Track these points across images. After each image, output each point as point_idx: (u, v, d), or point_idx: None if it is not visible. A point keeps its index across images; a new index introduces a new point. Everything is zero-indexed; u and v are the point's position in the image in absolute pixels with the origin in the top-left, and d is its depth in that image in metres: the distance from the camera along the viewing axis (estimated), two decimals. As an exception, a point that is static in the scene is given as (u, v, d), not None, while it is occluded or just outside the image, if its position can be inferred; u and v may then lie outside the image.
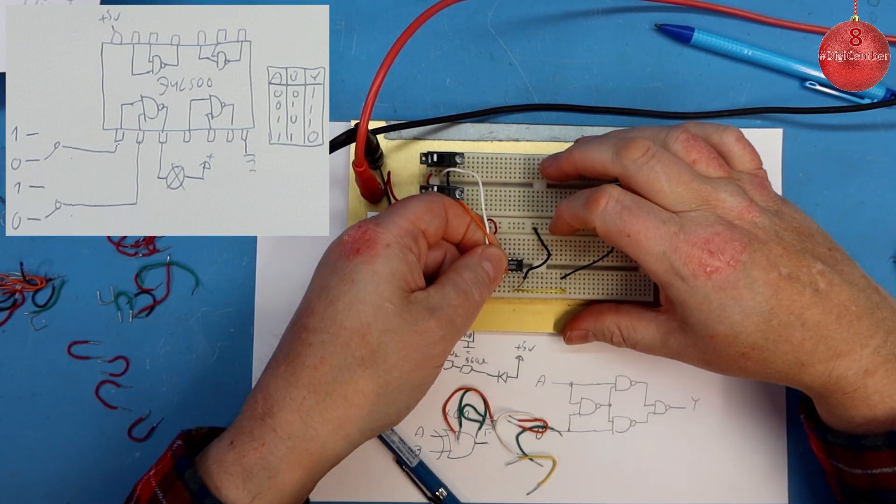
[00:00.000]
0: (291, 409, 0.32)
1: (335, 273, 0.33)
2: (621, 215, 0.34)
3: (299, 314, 0.34)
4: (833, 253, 0.35)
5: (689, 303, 0.34)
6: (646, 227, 0.34)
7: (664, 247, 0.33)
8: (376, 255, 0.33)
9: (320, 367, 0.32)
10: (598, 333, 0.40)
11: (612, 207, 0.34)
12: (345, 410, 0.33)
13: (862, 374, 0.34)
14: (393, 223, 0.34)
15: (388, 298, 0.32)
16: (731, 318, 0.33)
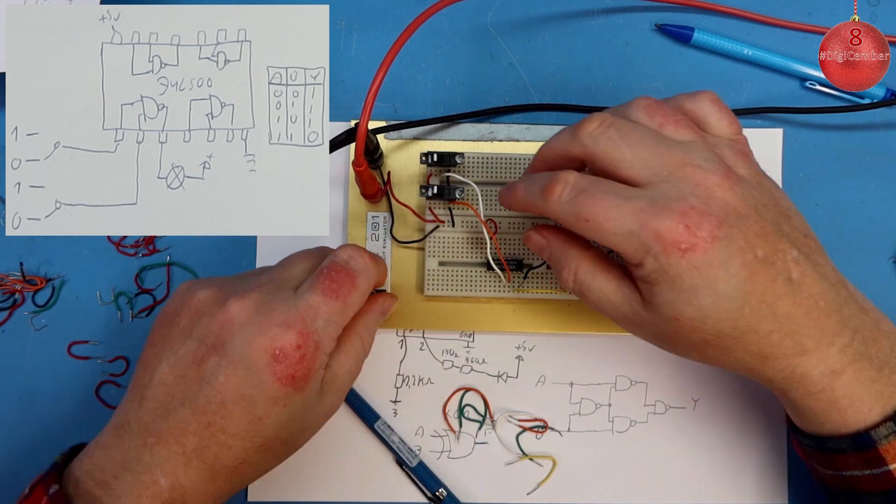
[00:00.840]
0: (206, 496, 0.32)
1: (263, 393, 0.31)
2: (577, 200, 0.31)
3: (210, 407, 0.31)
4: (808, 241, 0.32)
5: (660, 282, 0.30)
6: (605, 208, 0.30)
7: (631, 224, 0.30)
8: (309, 382, 0.32)
9: (238, 469, 0.32)
10: (558, 258, 0.35)
11: (567, 194, 0.31)
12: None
13: (828, 375, 0.32)
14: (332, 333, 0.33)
15: (310, 406, 0.33)
16: (702, 301, 0.30)
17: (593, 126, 0.32)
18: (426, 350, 0.43)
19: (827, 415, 0.32)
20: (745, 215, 0.30)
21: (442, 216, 0.42)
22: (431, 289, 0.42)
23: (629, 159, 0.31)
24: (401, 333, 0.43)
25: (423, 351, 0.43)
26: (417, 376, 0.43)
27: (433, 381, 0.43)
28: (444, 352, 0.43)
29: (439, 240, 0.42)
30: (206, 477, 0.32)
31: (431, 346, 0.43)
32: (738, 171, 0.32)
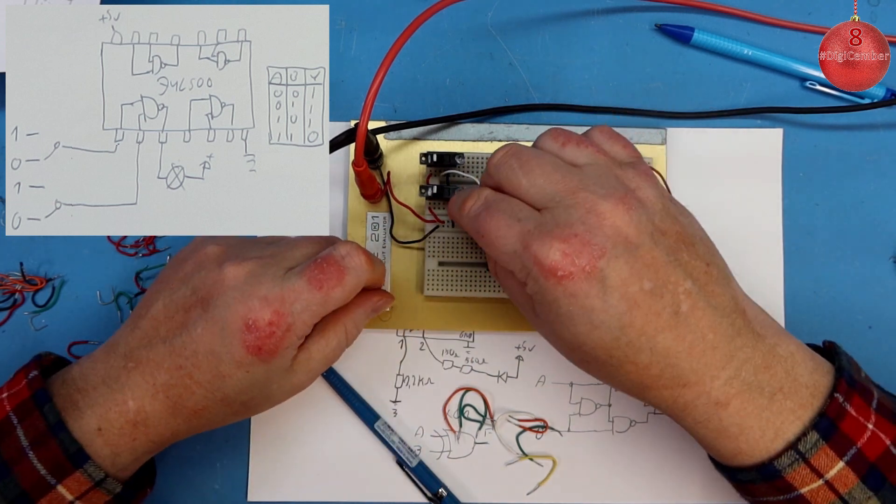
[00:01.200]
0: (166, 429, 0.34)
1: (230, 354, 0.33)
2: (479, 216, 0.33)
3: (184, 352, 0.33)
4: (710, 269, 0.32)
5: (540, 302, 0.32)
6: (497, 226, 0.32)
7: (515, 245, 0.31)
8: (276, 357, 0.33)
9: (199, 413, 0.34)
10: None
11: (476, 208, 0.34)
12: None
13: (713, 406, 0.32)
14: (307, 319, 0.33)
15: (275, 380, 0.35)
16: (577, 328, 0.31)
17: (498, 156, 0.34)
18: (426, 350, 0.43)
19: (719, 442, 0.33)
20: (637, 245, 0.30)
21: (442, 216, 0.42)
22: (431, 289, 0.42)
23: (525, 186, 0.32)
24: (401, 333, 0.43)
25: (423, 351, 0.43)
26: (417, 376, 0.43)
27: (433, 381, 0.43)
28: (444, 352, 0.43)
29: (439, 240, 0.42)
30: (168, 412, 0.34)
31: (431, 346, 0.43)
32: (640, 194, 0.32)
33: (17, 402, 0.34)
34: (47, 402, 0.33)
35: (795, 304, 0.43)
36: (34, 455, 0.33)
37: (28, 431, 0.33)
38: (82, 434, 0.33)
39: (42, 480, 0.33)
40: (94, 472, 0.33)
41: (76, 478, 0.33)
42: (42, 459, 0.33)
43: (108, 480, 0.34)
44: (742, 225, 0.44)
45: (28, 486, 0.33)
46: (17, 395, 0.34)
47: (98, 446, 0.34)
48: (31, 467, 0.33)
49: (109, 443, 0.34)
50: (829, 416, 0.31)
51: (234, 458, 0.43)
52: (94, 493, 0.34)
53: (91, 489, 0.34)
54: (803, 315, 0.43)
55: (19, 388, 0.34)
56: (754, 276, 0.43)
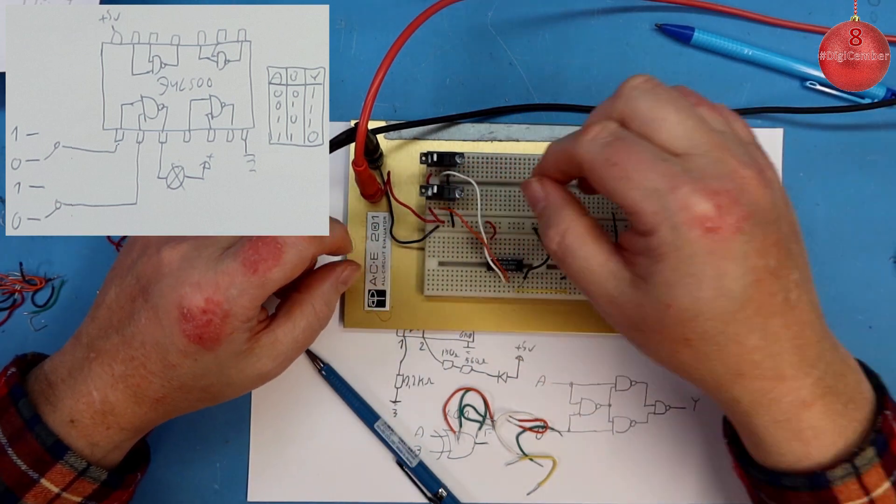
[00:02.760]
0: (135, 417, 0.34)
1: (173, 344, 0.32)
2: (612, 144, 0.29)
3: (134, 343, 0.33)
4: (806, 268, 0.31)
5: (668, 258, 0.28)
6: (639, 159, 0.28)
7: (660, 183, 0.28)
8: (219, 345, 0.33)
9: (162, 400, 0.34)
10: (550, 214, 0.33)
11: (604, 137, 0.30)
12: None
13: (798, 405, 0.31)
14: (246, 304, 0.32)
15: (231, 365, 0.34)
16: (702, 292, 0.28)
17: (639, 80, 0.30)
18: (426, 350, 0.43)
19: (789, 444, 0.32)
20: (770, 221, 0.29)
21: (442, 216, 0.42)
22: (431, 289, 0.42)
23: (673, 121, 0.29)
24: (401, 333, 0.43)
25: (423, 351, 0.43)
26: (417, 376, 0.43)
27: (433, 381, 0.43)
28: (444, 352, 0.43)
29: (439, 240, 0.42)
30: (131, 401, 0.34)
31: (431, 346, 0.43)
32: (768, 174, 0.30)
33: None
34: (22, 397, 0.34)
35: (795, 304, 0.43)
36: (13, 451, 0.33)
37: (5, 428, 0.33)
38: (57, 427, 0.34)
39: (24, 476, 0.33)
40: (75, 462, 0.33)
41: (58, 470, 0.33)
42: (21, 454, 0.33)
43: (92, 469, 0.34)
44: (742, 225, 0.44)
45: (11, 483, 0.33)
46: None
47: (74, 438, 0.34)
48: (11, 463, 0.33)
49: (84, 434, 0.34)
50: (884, 434, 0.31)
51: (234, 458, 0.43)
52: (81, 483, 0.34)
53: (76, 479, 0.34)
54: (803, 315, 0.43)
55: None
56: (754, 276, 0.43)
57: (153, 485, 0.42)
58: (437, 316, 0.43)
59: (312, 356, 0.43)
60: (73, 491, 0.34)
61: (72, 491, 0.34)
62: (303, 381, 0.43)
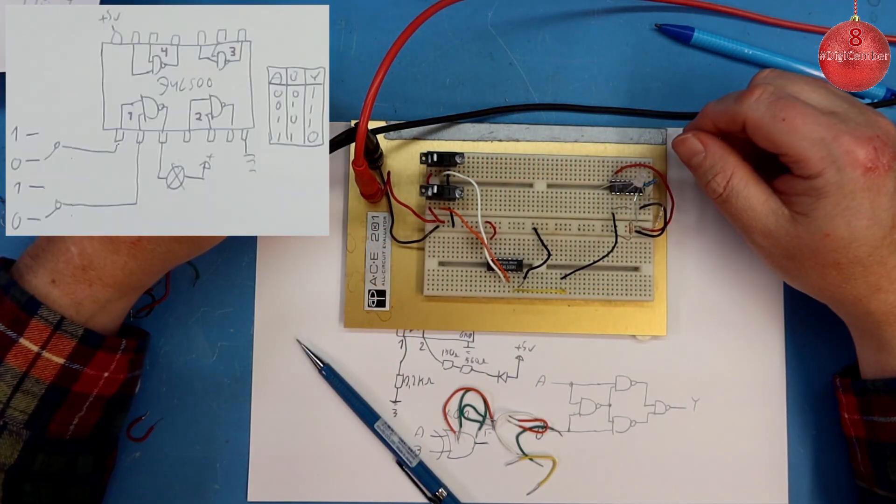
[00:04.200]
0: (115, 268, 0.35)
1: None
2: (778, 102, 0.34)
3: None
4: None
5: (831, 195, 0.34)
6: (804, 113, 0.34)
7: (824, 133, 0.33)
8: None
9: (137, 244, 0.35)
10: (713, 163, 0.37)
11: (767, 97, 0.35)
12: None
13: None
14: None
15: None
16: (859, 221, 0.34)
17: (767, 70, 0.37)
18: (426, 350, 0.43)
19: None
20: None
21: (442, 216, 0.42)
22: (431, 289, 0.42)
23: (809, 90, 0.35)
24: (401, 333, 0.43)
25: (423, 351, 0.43)
26: (417, 376, 0.43)
27: (433, 381, 0.43)
28: (444, 352, 0.43)
29: (439, 240, 0.42)
30: (107, 248, 0.35)
31: (431, 346, 0.43)
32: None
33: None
34: (2, 268, 0.36)
35: (795, 302, 0.43)
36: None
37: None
38: (39, 289, 0.35)
39: (4, 336, 0.34)
40: (48, 315, 0.34)
41: (34, 325, 0.34)
42: (0, 317, 0.34)
43: (66, 322, 0.35)
44: (742, 225, 0.44)
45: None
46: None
47: (56, 296, 0.35)
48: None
49: (67, 292, 0.35)
50: None
51: (234, 458, 0.43)
52: (58, 339, 0.35)
53: (52, 335, 0.35)
54: (803, 313, 0.43)
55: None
56: (754, 274, 0.44)
57: (153, 484, 0.42)
58: (437, 316, 0.43)
59: (312, 356, 0.43)
60: (53, 349, 0.35)
61: (51, 349, 0.35)
62: (303, 381, 0.43)
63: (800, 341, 0.43)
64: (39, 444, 0.35)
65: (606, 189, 0.42)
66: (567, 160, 0.42)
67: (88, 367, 0.36)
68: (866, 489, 0.38)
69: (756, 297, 0.43)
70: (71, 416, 0.36)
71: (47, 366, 0.35)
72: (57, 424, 0.36)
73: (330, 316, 0.43)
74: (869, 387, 0.37)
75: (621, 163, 0.43)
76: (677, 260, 0.43)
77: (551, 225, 0.42)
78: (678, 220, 0.44)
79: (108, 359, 0.36)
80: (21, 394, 0.35)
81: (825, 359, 0.43)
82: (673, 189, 0.43)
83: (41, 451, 0.35)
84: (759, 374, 0.43)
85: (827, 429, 0.43)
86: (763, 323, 0.43)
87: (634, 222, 0.42)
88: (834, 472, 0.42)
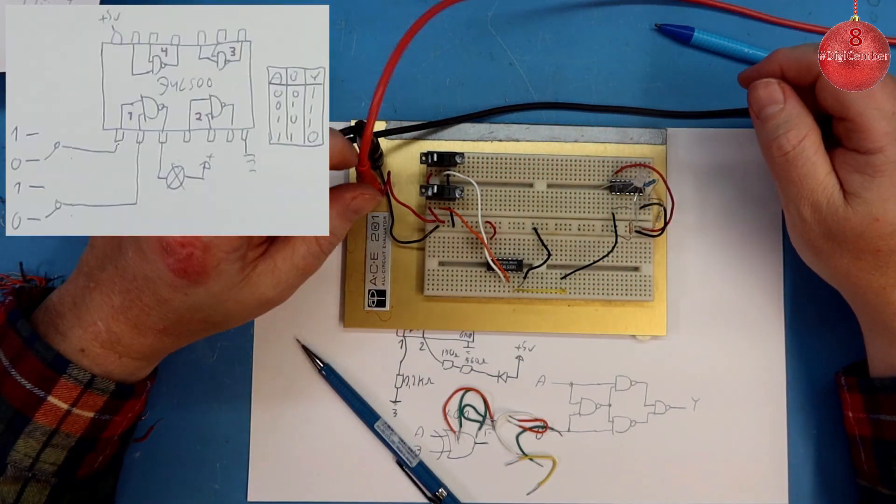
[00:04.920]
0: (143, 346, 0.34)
1: (161, 279, 0.32)
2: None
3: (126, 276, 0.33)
4: None
5: (888, 175, 0.33)
6: (885, 82, 0.33)
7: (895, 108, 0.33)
8: (207, 278, 0.32)
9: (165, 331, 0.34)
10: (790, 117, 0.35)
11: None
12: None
13: None
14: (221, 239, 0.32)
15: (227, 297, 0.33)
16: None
17: None
18: (426, 350, 0.43)
19: None
20: None
21: (442, 216, 0.42)
22: (431, 289, 0.42)
23: None
24: (401, 333, 0.43)
25: (423, 351, 0.43)
26: (417, 376, 0.43)
27: (433, 381, 0.43)
28: (444, 352, 0.43)
29: (439, 240, 0.42)
30: (135, 331, 0.34)
31: (431, 346, 0.43)
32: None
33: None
34: (19, 318, 0.34)
35: (796, 301, 0.43)
36: (16, 372, 0.33)
37: (7, 351, 0.34)
38: (68, 355, 0.34)
39: (31, 395, 0.33)
40: (78, 374, 0.34)
41: (63, 384, 0.33)
42: (24, 373, 0.33)
43: (98, 380, 0.34)
44: (742, 223, 0.44)
45: (18, 404, 0.33)
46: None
47: (86, 365, 0.34)
48: (15, 384, 0.33)
49: (96, 363, 0.34)
50: None
51: (234, 458, 0.43)
52: (88, 396, 0.34)
53: (83, 393, 0.34)
54: (803, 311, 0.43)
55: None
56: (755, 273, 0.44)
57: (153, 484, 0.42)
58: (437, 316, 0.43)
59: (312, 356, 0.43)
60: (83, 406, 0.34)
61: (82, 406, 0.34)
62: (303, 381, 0.43)
63: (800, 341, 0.43)
64: (66, 487, 0.35)
65: (606, 189, 0.42)
66: (567, 160, 0.42)
67: (118, 416, 0.36)
68: (869, 488, 0.38)
69: (756, 297, 0.43)
70: (97, 457, 0.36)
71: (77, 420, 0.34)
72: (85, 468, 0.36)
73: (330, 316, 0.43)
74: (877, 385, 0.37)
75: (621, 163, 0.43)
76: (677, 260, 0.43)
77: (551, 225, 0.42)
78: (678, 220, 0.44)
79: (136, 402, 0.37)
80: (50, 448, 0.34)
81: (826, 358, 0.43)
82: (673, 189, 0.43)
83: (68, 491, 0.35)
84: (760, 373, 0.43)
85: (828, 428, 0.43)
86: (763, 322, 0.43)
87: (634, 222, 0.42)
88: (835, 472, 0.42)
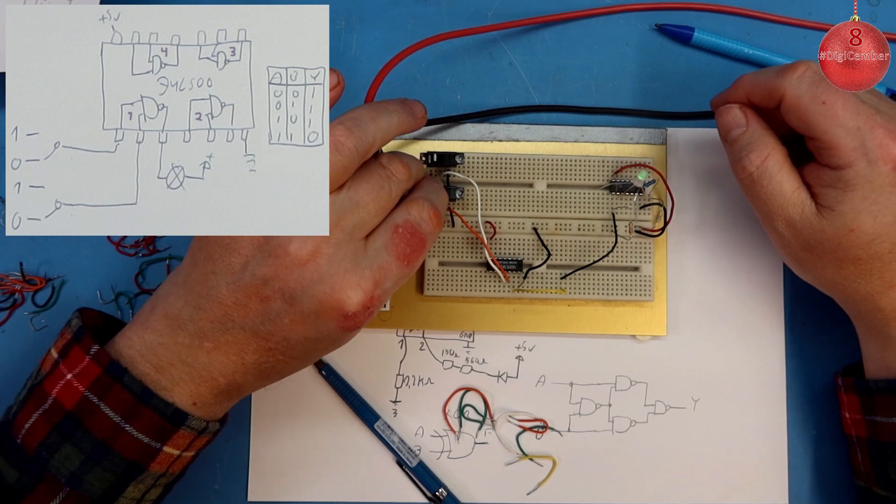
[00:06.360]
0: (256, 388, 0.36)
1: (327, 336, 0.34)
2: (820, 83, 0.34)
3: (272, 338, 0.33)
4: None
5: (859, 188, 0.33)
6: (845, 98, 0.33)
7: (861, 123, 0.33)
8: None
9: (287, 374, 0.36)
10: (751, 139, 0.36)
11: (810, 76, 0.34)
12: None
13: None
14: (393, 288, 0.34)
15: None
16: (885, 218, 0.33)
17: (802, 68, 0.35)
18: (426, 350, 0.43)
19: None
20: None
21: (442, 216, 0.42)
22: (431, 289, 0.42)
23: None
24: (401, 333, 0.43)
25: (423, 351, 0.43)
26: (417, 376, 0.43)
27: (433, 381, 0.43)
28: (444, 352, 0.43)
29: (439, 240, 0.42)
30: (259, 378, 0.35)
31: (431, 346, 0.43)
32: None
33: (90, 381, 0.33)
34: (124, 373, 0.33)
35: (795, 301, 0.43)
36: (131, 427, 0.33)
37: (116, 406, 0.33)
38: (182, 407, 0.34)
39: (147, 448, 0.34)
40: (196, 424, 0.34)
41: (180, 435, 0.34)
42: (141, 429, 0.33)
43: (211, 424, 0.35)
44: (742, 223, 0.44)
45: (135, 456, 0.34)
46: (86, 374, 0.33)
47: (199, 415, 0.35)
48: (131, 439, 0.33)
49: (208, 411, 0.35)
50: None
51: (234, 458, 0.43)
52: (199, 440, 0.35)
53: (195, 439, 0.35)
54: (804, 312, 0.43)
55: (85, 366, 0.34)
56: (755, 274, 0.44)
57: (153, 485, 0.42)
58: (437, 316, 0.43)
59: (312, 356, 0.43)
60: (192, 448, 0.35)
61: (190, 449, 0.35)
62: (303, 381, 0.43)
63: (800, 341, 0.43)
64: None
65: (606, 189, 0.42)
66: (567, 160, 0.42)
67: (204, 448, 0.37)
68: (866, 489, 0.38)
69: (756, 297, 0.43)
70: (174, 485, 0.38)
71: (182, 460, 0.36)
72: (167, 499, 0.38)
73: (330, 316, 0.43)
74: (872, 387, 0.37)
75: (621, 163, 0.43)
76: (677, 260, 0.43)
77: (551, 225, 0.42)
78: (678, 220, 0.44)
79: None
80: (154, 488, 0.35)
81: (825, 358, 0.43)
82: (673, 189, 0.43)
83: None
84: (759, 373, 0.43)
85: (827, 428, 0.43)
86: (763, 322, 0.43)
87: (634, 222, 0.42)
88: (834, 472, 0.42)
